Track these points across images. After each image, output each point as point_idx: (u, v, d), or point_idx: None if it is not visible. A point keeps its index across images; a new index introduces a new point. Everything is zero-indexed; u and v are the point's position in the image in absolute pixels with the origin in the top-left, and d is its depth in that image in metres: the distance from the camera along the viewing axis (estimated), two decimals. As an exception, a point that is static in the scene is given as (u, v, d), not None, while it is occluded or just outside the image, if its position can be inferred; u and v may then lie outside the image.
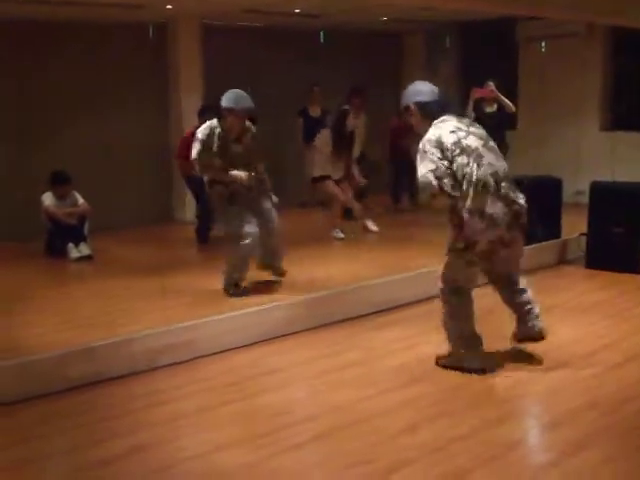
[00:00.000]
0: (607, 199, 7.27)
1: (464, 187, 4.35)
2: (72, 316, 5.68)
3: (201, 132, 6.05)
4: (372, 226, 9.01)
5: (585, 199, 7.70)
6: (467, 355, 4.59)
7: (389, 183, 11.04)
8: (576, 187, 9.87)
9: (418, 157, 4.45)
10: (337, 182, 8.69)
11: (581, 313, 5.90)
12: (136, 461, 3.59)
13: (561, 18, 9.94)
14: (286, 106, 10.58)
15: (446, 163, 4.36)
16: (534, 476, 3.39)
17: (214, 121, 6.07)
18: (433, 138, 4.41)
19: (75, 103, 9.57)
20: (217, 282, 6.29)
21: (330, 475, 3.48)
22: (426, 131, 4.51)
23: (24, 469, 3.57)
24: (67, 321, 5.52)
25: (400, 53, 13.04)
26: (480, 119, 9.06)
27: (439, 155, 4.36)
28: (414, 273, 6.52)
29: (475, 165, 4.36)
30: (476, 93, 9.12)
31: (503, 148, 9.10)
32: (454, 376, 4.56)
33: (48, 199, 8.03)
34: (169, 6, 8.96)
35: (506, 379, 4.49)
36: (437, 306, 4.79)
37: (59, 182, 8.09)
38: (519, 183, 8.11)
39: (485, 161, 4.41)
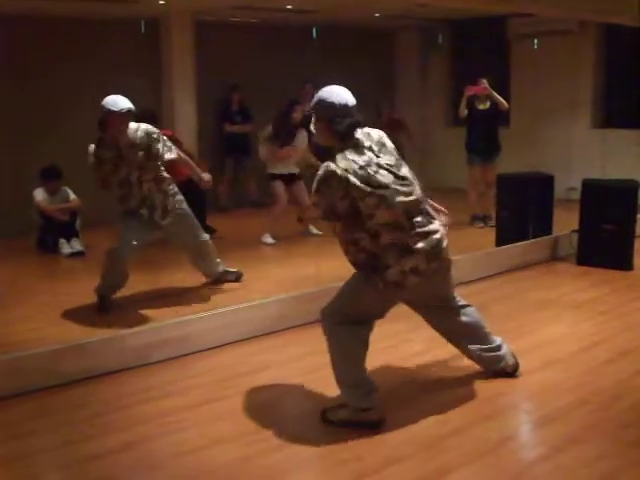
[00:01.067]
0: (599, 196, 7.29)
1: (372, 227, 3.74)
2: (64, 312, 5.67)
3: None
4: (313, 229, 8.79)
5: (577, 196, 7.72)
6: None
7: None
8: (568, 184, 9.89)
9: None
10: (291, 180, 8.57)
11: (572, 310, 5.92)
12: (129, 456, 3.59)
13: (553, 15, 9.97)
14: (278, 103, 10.57)
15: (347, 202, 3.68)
16: (525, 471, 3.40)
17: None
18: (338, 172, 3.65)
19: (67, 99, 9.54)
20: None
21: (322, 472, 3.49)
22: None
23: (16, 464, 3.56)
24: (59, 317, 5.51)
25: (393, 50, 13.05)
26: (474, 116, 9.14)
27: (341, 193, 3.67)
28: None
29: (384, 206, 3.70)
30: (469, 90, 9.13)
31: (495, 148, 9.21)
32: (444, 372, 4.58)
33: (40, 195, 8.01)
34: (162, 1, 8.94)
35: (497, 375, 4.49)
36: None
37: (50, 177, 8.06)
38: (513, 180, 8.16)
39: (398, 198, 3.74)
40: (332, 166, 3.67)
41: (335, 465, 3.47)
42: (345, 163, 3.67)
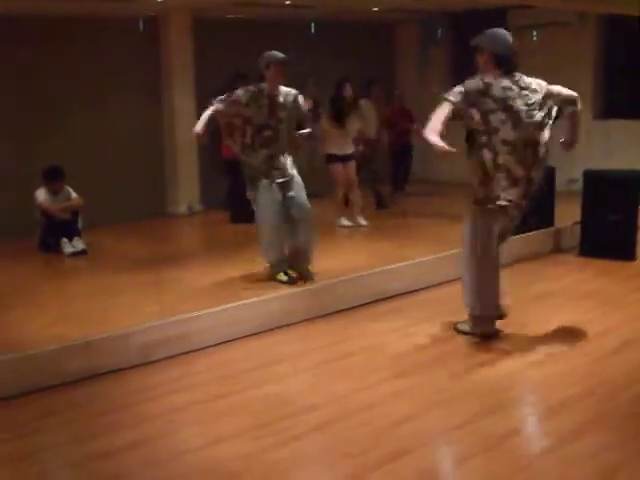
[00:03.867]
0: (601, 187, 7.28)
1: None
2: (67, 311, 5.67)
3: None
4: (361, 220, 8.88)
5: (579, 187, 7.71)
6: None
7: (389, 171, 11.04)
8: (569, 175, 9.88)
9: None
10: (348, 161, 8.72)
11: (576, 301, 5.92)
12: (135, 454, 3.59)
13: (552, 7, 9.94)
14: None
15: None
16: (531, 464, 3.40)
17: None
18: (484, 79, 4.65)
19: (67, 98, 9.53)
20: (211, 275, 6.30)
21: (328, 465, 3.49)
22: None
23: (23, 463, 3.57)
24: (63, 316, 5.51)
25: (392, 44, 13.02)
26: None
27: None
28: (409, 263, 6.52)
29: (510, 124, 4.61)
30: (469, 83, 9.11)
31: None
32: (450, 365, 4.58)
33: (42, 195, 8.00)
34: (159, -1, 8.94)
35: (502, 367, 4.50)
36: (434, 295, 4.82)
37: (52, 178, 8.05)
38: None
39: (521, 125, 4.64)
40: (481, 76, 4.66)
41: (340, 459, 3.47)
42: (491, 78, 4.65)
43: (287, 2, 9.68)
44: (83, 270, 7.41)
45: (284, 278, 6.05)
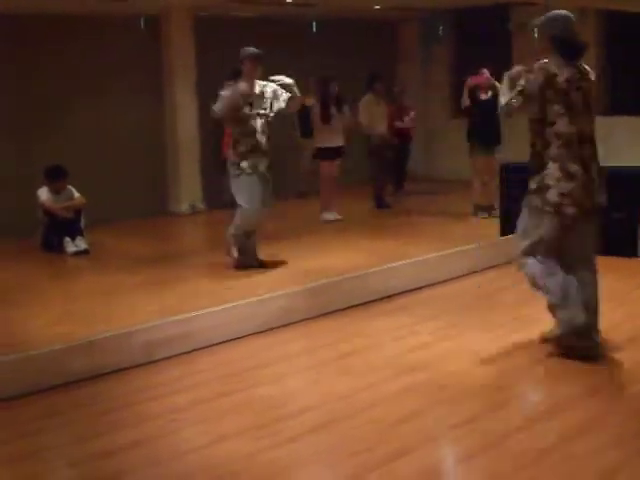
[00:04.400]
0: (605, 184, 7.24)
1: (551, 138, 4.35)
2: (70, 310, 5.67)
3: None
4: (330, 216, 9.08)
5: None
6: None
7: (390, 169, 11.04)
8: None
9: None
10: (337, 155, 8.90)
11: (579, 298, 5.90)
12: (138, 453, 3.59)
13: (554, 4, 9.91)
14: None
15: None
16: (534, 461, 3.38)
17: None
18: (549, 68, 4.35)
19: (69, 97, 9.53)
20: (213, 274, 6.30)
21: (331, 464, 3.48)
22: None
23: (26, 462, 3.56)
24: (65, 315, 5.51)
25: (394, 42, 13.01)
26: (476, 106, 9.11)
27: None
28: (413, 260, 6.51)
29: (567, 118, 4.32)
30: (471, 81, 9.10)
31: (498, 138, 9.18)
32: (452, 363, 4.56)
33: (44, 194, 8.01)
34: (161, -3, 8.94)
35: (505, 365, 4.48)
36: (436, 293, 4.79)
37: (55, 177, 8.06)
38: (516, 170, 8.12)
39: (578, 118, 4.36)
40: (548, 64, 4.34)
41: (343, 458, 3.46)
42: (555, 68, 4.32)
43: (288, 0, 9.68)
44: (85, 269, 7.41)
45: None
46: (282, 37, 10.97)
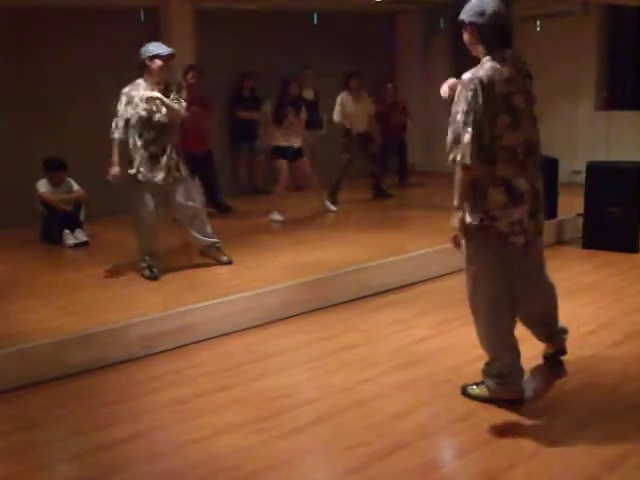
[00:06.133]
0: (603, 179, 7.26)
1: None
2: (69, 303, 5.66)
3: None
4: (330, 206, 9.09)
5: (581, 179, 7.68)
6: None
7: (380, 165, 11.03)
8: (572, 167, 9.85)
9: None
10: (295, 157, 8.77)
11: (578, 293, 5.91)
12: (137, 446, 3.60)
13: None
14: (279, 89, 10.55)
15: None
16: (533, 456, 3.39)
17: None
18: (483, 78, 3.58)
19: (68, 89, 9.51)
20: (212, 267, 6.30)
21: (329, 458, 3.49)
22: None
23: (25, 455, 3.57)
24: (64, 308, 5.51)
25: (394, 35, 12.97)
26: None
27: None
28: (410, 255, 6.52)
29: (512, 126, 3.67)
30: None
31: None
32: (451, 358, 4.57)
33: (43, 186, 7.99)
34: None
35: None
36: (434, 287, 4.79)
37: (54, 169, 8.04)
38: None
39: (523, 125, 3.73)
40: (479, 72, 3.60)
41: (341, 451, 3.47)
42: (491, 71, 3.61)
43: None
44: (85, 262, 7.40)
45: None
46: (282, 29, 10.95)
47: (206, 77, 9.53)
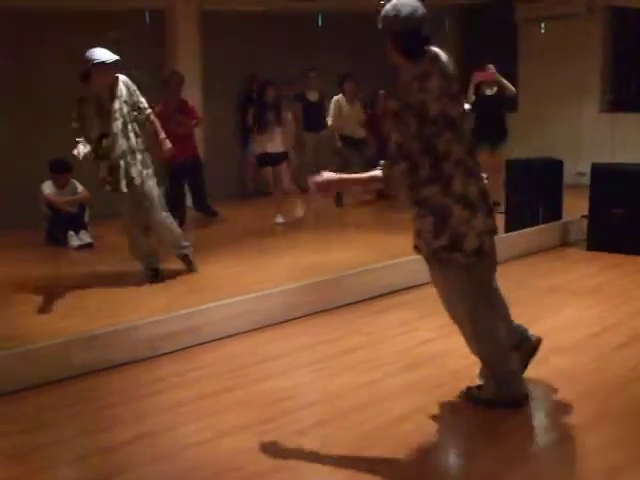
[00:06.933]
0: (608, 181, 7.24)
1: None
2: (74, 304, 5.68)
3: None
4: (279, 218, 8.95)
5: (586, 181, 7.67)
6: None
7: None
8: (577, 169, 9.84)
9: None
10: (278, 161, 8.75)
11: (583, 295, 5.89)
12: (141, 448, 3.59)
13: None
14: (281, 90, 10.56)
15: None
16: (536, 459, 3.39)
17: None
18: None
19: (71, 91, 9.52)
20: (217, 268, 6.30)
21: (334, 460, 3.48)
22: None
23: (29, 457, 3.57)
24: (69, 309, 5.53)
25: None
26: (481, 102, 9.09)
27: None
28: (413, 257, 6.48)
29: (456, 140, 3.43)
30: (477, 76, 9.08)
31: (503, 134, 9.17)
32: (455, 360, 4.56)
33: (48, 188, 8.02)
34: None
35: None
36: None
37: (59, 171, 8.07)
38: (522, 166, 8.09)
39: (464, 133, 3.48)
40: (404, 86, 3.24)
41: (347, 453, 3.46)
42: (417, 84, 3.28)
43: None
44: (89, 263, 7.42)
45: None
46: (287, 31, 10.96)
47: (211, 78, 9.57)
